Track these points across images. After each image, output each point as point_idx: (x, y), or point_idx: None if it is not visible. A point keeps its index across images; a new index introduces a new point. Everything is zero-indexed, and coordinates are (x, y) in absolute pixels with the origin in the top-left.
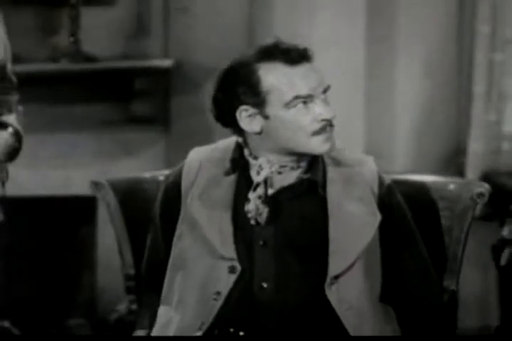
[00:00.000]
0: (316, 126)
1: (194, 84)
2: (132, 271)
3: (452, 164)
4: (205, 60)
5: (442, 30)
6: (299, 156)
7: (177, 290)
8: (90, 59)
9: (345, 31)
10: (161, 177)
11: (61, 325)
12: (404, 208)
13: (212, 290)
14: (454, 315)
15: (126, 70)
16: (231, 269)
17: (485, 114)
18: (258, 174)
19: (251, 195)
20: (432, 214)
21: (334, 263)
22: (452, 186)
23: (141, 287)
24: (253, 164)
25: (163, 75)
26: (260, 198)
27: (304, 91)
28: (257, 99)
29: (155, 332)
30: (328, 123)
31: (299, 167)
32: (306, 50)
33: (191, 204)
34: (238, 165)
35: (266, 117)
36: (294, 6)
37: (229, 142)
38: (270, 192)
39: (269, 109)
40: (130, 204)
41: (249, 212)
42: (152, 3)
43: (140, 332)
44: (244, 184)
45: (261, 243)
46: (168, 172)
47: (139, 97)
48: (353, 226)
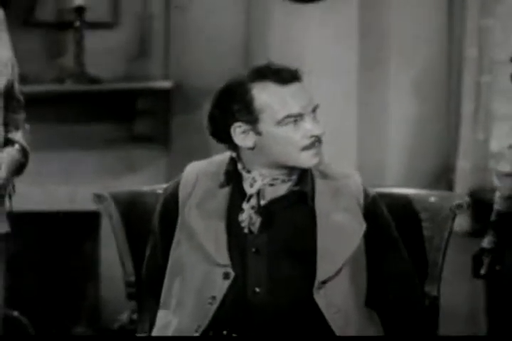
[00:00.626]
0: (306, 142)
1: (193, 105)
2: (133, 278)
3: (442, 181)
4: (204, 82)
5: (432, 53)
6: (290, 170)
7: (175, 294)
8: (94, 80)
9: (338, 55)
10: (160, 191)
11: (66, 334)
12: (387, 218)
13: (208, 294)
14: (435, 320)
15: (128, 91)
16: (225, 275)
17: (473, 133)
18: (251, 186)
19: (245, 205)
20: (415, 224)
21: (322, 269)
22: (433, 198)
23: (142, 292)
24: (246, 177)
25: (164, 96)
26: (253, 208)
27: (295, 110)
28: (251, 116)
29: (154, 334)
30: (317, 139)
31: (290, 180)
32: (296, 70)
33: (188, 214)
34: (232, 178)
35: (259, 133)
36: (289, 31)
37: (223, 157)
38: (262, 202)
39: (261, 126)
40: (131, 216)
41: (243, 221)
42: (153, 27)
43: (141, 335)
44: (237, 195)
45: (253, 250)
46: (167, 185)
47: (141, 117)
48: (339, 234)
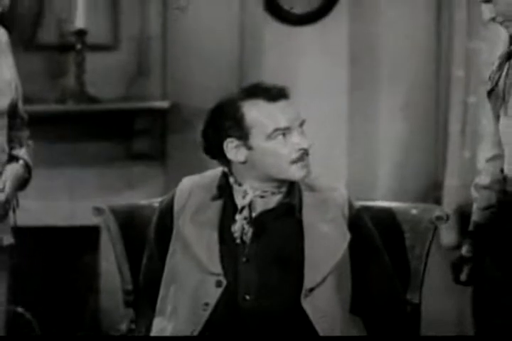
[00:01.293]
0: (294, 155)
1: (189, 124)
2: (130, 287)
3: (430, 197)
4: (200, 102)
5: (422, 74)
6: (280, 182)
7: (170, 301)
8: (94, 100)
9: (329, 75)
10: (157, 204)
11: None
12: (371, 228)
13: (202, 301)
14: (417, 326)
15: (127, 111)
16: (218, 283)
17: (460, 151)
18: (244, 198)
19: (237, 216)
20: (397, 234)
21: (309, 277)
22: (414, 211)
23: (139, 300)
24: (238, 190)
25: (161, 115)
26: (246, 219)
27: (283, 123)
28: (242, 132)
29: None
30: (304, 152)
31: (280, 192)
32: (284, 88)
33: (183, 225)
34: (224, 192)
35: (250, 148)
36: (281, 52)
37: (216, 171)
38: (253, 214)
39: (252, 141)
40: (129, 228)
41: (236, 231)
42: (151, 49)
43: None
44: (229, 208)
45: (244, 259)
46: (163, 198)
47: (139, 135)
48: (325, 244)
